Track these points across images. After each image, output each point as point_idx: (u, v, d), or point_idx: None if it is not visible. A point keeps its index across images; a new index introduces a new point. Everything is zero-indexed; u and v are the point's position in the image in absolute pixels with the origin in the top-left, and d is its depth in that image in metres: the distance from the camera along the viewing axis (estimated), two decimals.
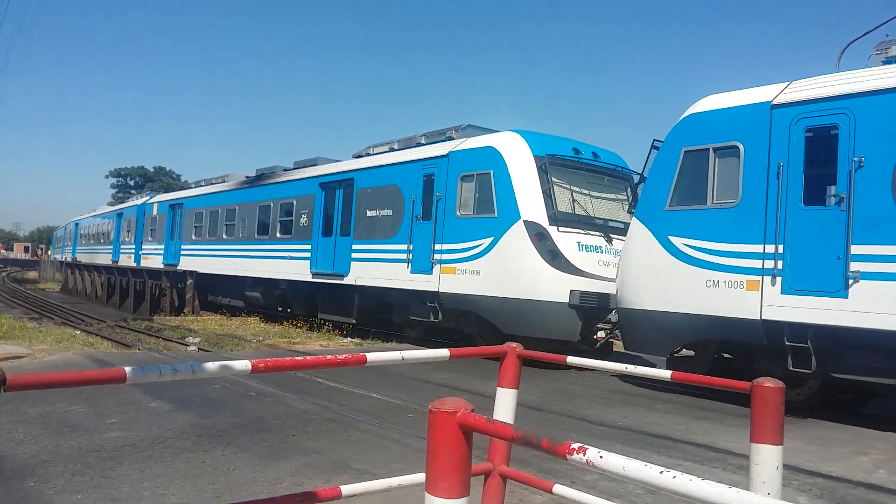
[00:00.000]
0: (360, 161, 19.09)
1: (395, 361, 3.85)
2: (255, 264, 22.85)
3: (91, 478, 5.73)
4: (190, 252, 27.78)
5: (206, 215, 26.89)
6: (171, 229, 29.88)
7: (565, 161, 14.32)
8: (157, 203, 32.49)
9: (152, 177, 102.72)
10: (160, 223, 31.18)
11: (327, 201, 19.85)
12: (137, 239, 33.74)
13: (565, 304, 12.77)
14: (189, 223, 28.13)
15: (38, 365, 11.72)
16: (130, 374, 2.75)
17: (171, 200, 31.05)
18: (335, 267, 18.80)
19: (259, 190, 23.61)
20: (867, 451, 7.86)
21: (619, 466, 2.06)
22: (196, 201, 28.16)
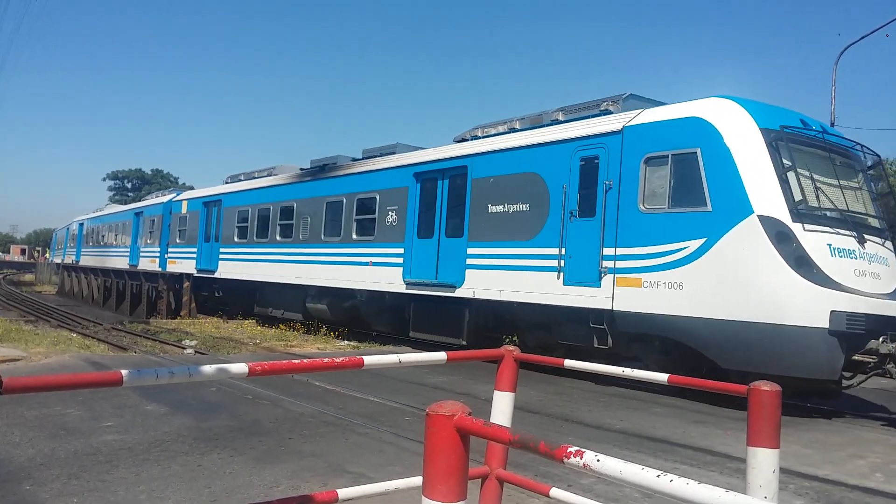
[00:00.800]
0: (474, 145, 15.43)
1: (392, 364, 3.84)
2: (322, 271, 19.23)
3: (87, 481, 5.71)
4: (231, 256, 24.21)
5: (252, 214, 23.27)
6: (205, 230, 26.25)
7: (803, 138, 11.11)
8: (188, 200, 28.44)
9: (150, 179, 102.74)
10: (191, 223, 27.36)
11: (425, 195, 16.24)
12: (162, 241, 29.77)
13: (824, 329, 9.61)
14: (229, 223, 24.45)
15: (35, 368, 11.69)
16: (127, 377, 2.75)
17: (206, 197, 26.91)
18: (440, 276, 15.33)
19: (324, 183, 20.01)
20: (864, 454, 7.87)
21: (617, 470, 2.06)
22: (238, 198, 24.35)
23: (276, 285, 21.75)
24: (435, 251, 15.60)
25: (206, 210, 26.47)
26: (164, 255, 29.56)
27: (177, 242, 28.63)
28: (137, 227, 33.94)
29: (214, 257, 25.24)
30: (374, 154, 19.15)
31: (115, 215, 39.42)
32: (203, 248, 26.38)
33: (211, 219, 26.07)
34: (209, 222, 26.21)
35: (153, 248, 31.08)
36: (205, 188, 28.83)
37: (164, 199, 31.24)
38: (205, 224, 26.46)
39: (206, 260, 25.92)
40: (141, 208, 34.62)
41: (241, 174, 26.24)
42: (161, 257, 29.81)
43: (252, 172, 25.60)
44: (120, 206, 46.62)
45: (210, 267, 25.38)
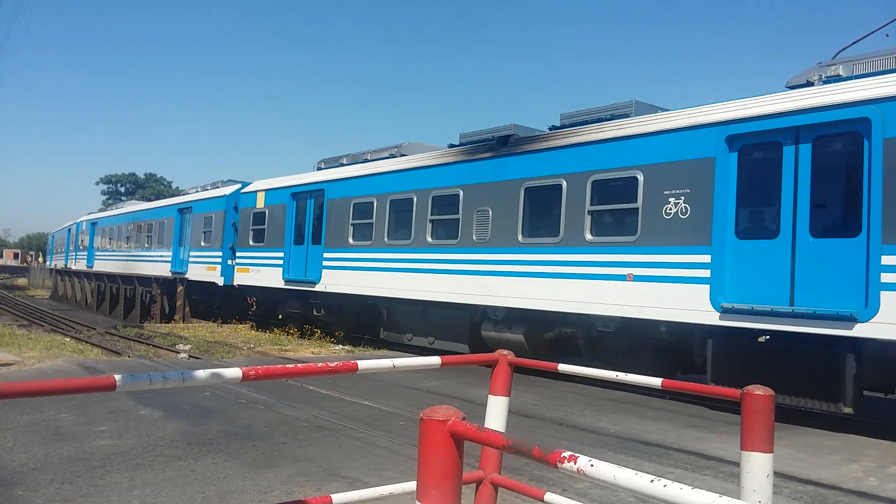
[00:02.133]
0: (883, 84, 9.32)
1: (386, 369, 3.84)
2: (517, 286, 13.58)
3: (80, 486, 5.70)
4: (342, 263, 18.30)
5: (379, 207, 17.21)
6: (295, 230, 20.49)
7: None
8: (265, 191, 22.08)
9: (143, 183, 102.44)
10: (273, 221, 21.33)
11: (754, 173, 10.51)
12: (225, 243, 23.78)
13: None
14: (338, 220, 18.57)
15: (28, 372, 11.65)
16: (120, 382, 2.74)
17: (297, 187, 20.62)
18: (825, 299, 9.36)
19: (517, 161, 14.00)
20: (858, 458, 7.89)
21: (610, 475, 2.06)
22: (353, 186, 18.31)
23: (420, 303, 16.02)
24: (788, 260, 9.93)
25: (297, 203, 20.62)
26: (228, 261, 23.78)
27: (249, 245, 22.33)
28: (182, 227, 27.87)
29: (314, 264, 19.34)
30: (597, 119, 13.21)
31: (147, 212, 32.84)
32: (294, 253, 20.44)
33: (305, 214, 20.25)
34: (302, 219, 20.36)
35: (209, 252, 24.85)
36: (285, 176, 21.88)
37: (226, 192, 24.75)
38: (293, 222, 20.60)
39: (298, 268, 20.01)
40: (187, 203, 27.92)
41: (343, 157, 20.23)
42: (223, 264, 23.86)
43: (361, 154, 19.52)
44: (143, 202, 39.61)
45: (307, 277, 19.45)
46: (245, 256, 22.64)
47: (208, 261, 24.88)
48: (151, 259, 30.25)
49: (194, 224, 26.57)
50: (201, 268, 25.29)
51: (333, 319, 19.96)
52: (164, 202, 32.33)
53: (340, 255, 18.39)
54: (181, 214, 28.09)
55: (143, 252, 31.56)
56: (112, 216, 38.63)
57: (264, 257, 21.58)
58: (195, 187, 29.62)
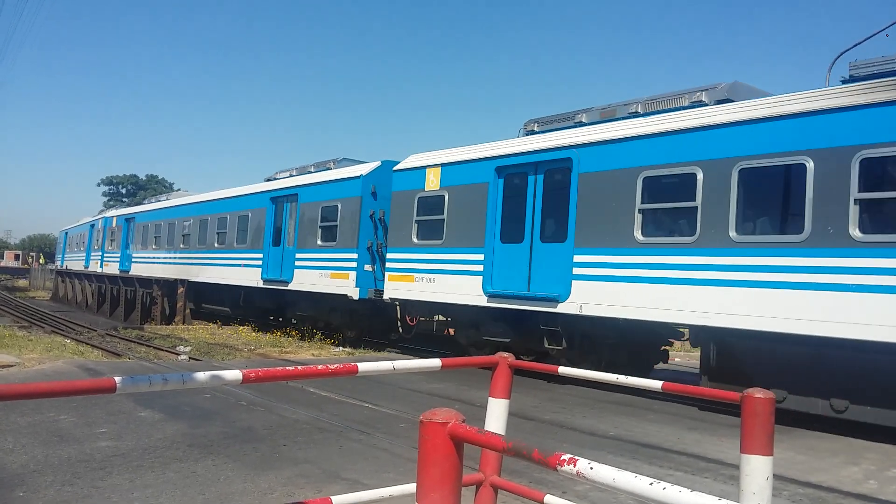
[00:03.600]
0: None
1: (386, 371, 3.84)
2: None
3: (81, 488, 5.70)
4: (614, 272, 11.99)
5: (713, 182, 10.73)
6: (502, 221, 14.30)
7: None
8: (441, 167, 15.83)
9: (144, 185, 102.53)
10: (460, 209, 15.16)
11: None
12: (361, 241, 17.93)
13: None
14: (608, 205, 12.21)
15: (28, 374, 11.66)
16: (121, 384, 2.75)
17: (508, 158, 14.29)
18: None
19: None
20: (857, 461, 7.89)
21: (610, 478, 2.07)
22: (635, 151, 11.92)
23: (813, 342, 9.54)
24: None
25: (507, 182, 14.36)
26: (366, 265, 18.00)
27: (413, 244, 16.20)
28: (279, 221, 21.76)
29: (548, 272, 13.14)
30: None
31: (217, 203, 25.69)
32: (503, 255, 14.17)
33: (524, 197, 13.95)
34: (517, 204, 14.09)
35: (331, 254, 18.92)
36: (472, 145, 15.62)
37: (361, 171, 18.49)
38: (503, 208, 14.41)
39: (513, 277, 13.83)
40: (288, 189, 21.42)
41: (581, 112, 13.99)
42: (359, 270, 17.89)
43: (621, 106, 13.19)
44: (199, 193, 29.78)
45: (537, 291, 13.22)
46: (403, 259, 16.37)
47: (330, 265, 18.66)
48: (228, 262, 23.85)
49: (303, 216, 20.21)
50: (316, 275, 19.14)
51: (593, 357, 13.05)
52: (246, 189, 24.22)
53: (610, 260, 12.04)
54: (277, 204, 21.79)
55: (214, 254, 24.93)
56: (158, 209, 31.52)
57: (444, 260, 15.29)
58: (285, 171, 23.23)
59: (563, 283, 12.67)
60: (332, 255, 18.84)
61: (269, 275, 21.28)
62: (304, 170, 22.07)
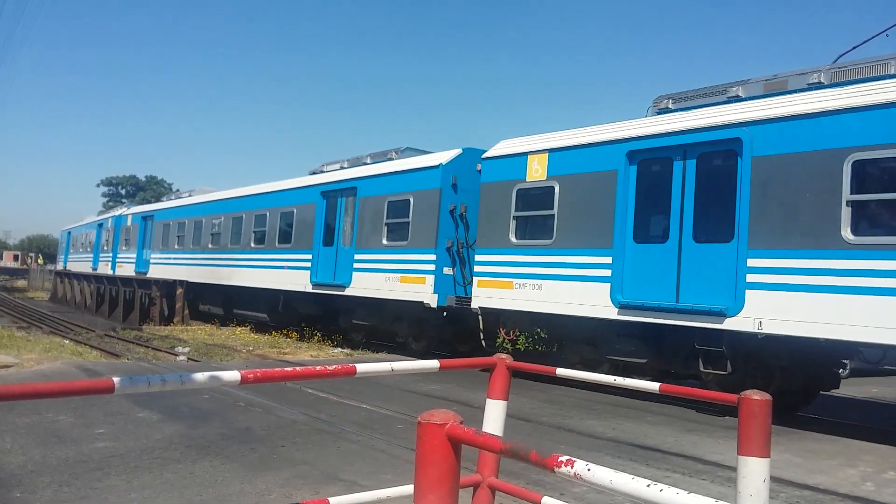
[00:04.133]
0: None
1: (384, 373, 3.85)
2: None
3: (78, 489, 5.70)
4: (805, 280, 9.71)
5: None
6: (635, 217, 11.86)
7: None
8: (549, 153, 13.35)
9: (144, 186, 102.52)
10: (575, 202, 12.71)
11: None
12: (440, 241, 15.54)
13: None
14: (800, 197, 9.84)
15: (27, 374, 11.66)
16: (119, 385, 2.75)
17: (642, 140, 11.81)
18: None
19: None
20: (855, 463, 7.90)
21: (607, 479, 2.07)
22: None
23: None
24: None
25: (642, 170, 11.82)
26: (446, 268, 15.62)
27: (510, 244, 13.69)
28: (330, 217, 19.21)
29: (713, 279, 10.64)
30: None
31: (255, 199, 23.15)
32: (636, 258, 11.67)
33: (675, 188, 11.30)
34: (661, 196, 11.56)
35: (401, 255, 16.43)
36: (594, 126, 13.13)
37: (440, 160, 15.98)
38: (636, 201, 11.89)
39: (658, 284, 11.23)
40: (344, 182, 18.85)
41: (763, 79, 11.62)
42: (437, 273, 15.47)
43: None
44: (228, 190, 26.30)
45: (694, 302, 10.76)
46: (497, 262, 13.94)
47: (401, 268, 16.20)
48: (268, 264, 21.44)
49: (363, 212, 17.79)
50: (381, 279, 16.67)
51: (760, 384, 10.32)
52: (291, 183, 21.50)
53: (806, 265, 9.69)
54: (329, 199, 19.24)
55: (249, 255, 22.48)
56: (182, 206, 28.92)
57: (555, 263, 12.77)
58: (334, 163, 20.80)
59: (731, 292, 10.23)
60: (403, 256, 16.25)
61: (319, 278, 18.85)
62: (357, 161, 19.69)
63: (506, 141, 14.59)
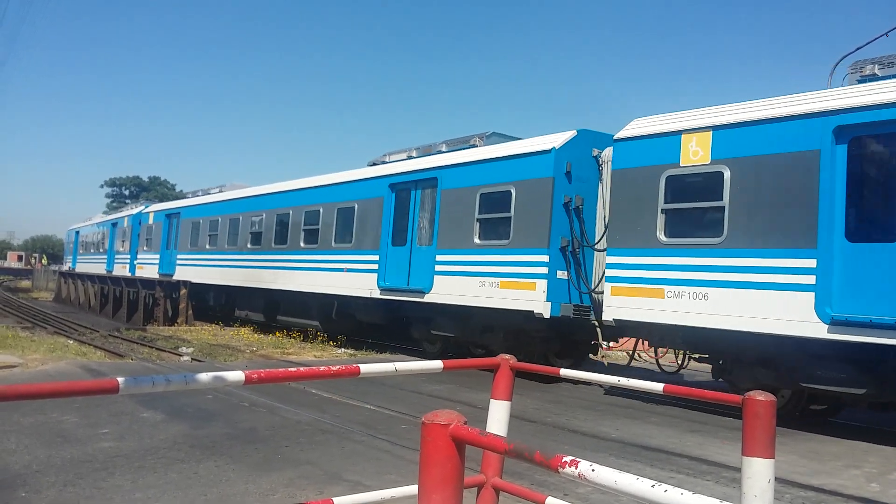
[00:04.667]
0: None
1: (388, 373, 3.85)
2: None
3: (83, 488, 5.71)
4: None
5: None
6: (837, 209, 9.41)
7: None
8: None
9: (147, 186, 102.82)
10: (771, 191, 10.14)
11: None
12: (552, 240, 13.00)
13: None
14: None
15: (31, 374, 11.68)
16: (123, 385, 2.76)
17: (865, 111, 9.21)
18: None
19: None
20: (859, 464, 7.88)
21: (611, 480, 2.07)
22: None
23: None
24: None
25: (858, 153, 9.63)
26: (560, 271, 13.08)
27: (660, 243, 11.39)
28: (402, 214, 16.65)
29: None
30: None
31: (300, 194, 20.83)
32: (871, 263, 9.18)
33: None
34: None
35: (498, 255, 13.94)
36: None
37: (541, 145, 13.60)
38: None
39: (874, 296, 8.94)
40: (422, 173, 16.28)
41: None
42: (551, 279, 12.94)
43: None
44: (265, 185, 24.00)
45: None
46: (639, 265, 11.50)
47: (500, 271, 13.63)
48: (322, 266, 19.12)
49: (446, 207, 15.09)
50: (473, 284, 14.12)
51: None
52: (349, 175, 18.93)
53: None
54: (400, 192, 16.71)
55: (298, 256, 20.22)
56: (214, 203, 26.20)
57: (727, 267, 10.45)
58: (399, 152, 18.21)
59: None
60: (503, 257, 13.68)
61: (389, 282, 16.41)
62: (430, 150, 17.14)
63: (641, 119, 12.21)
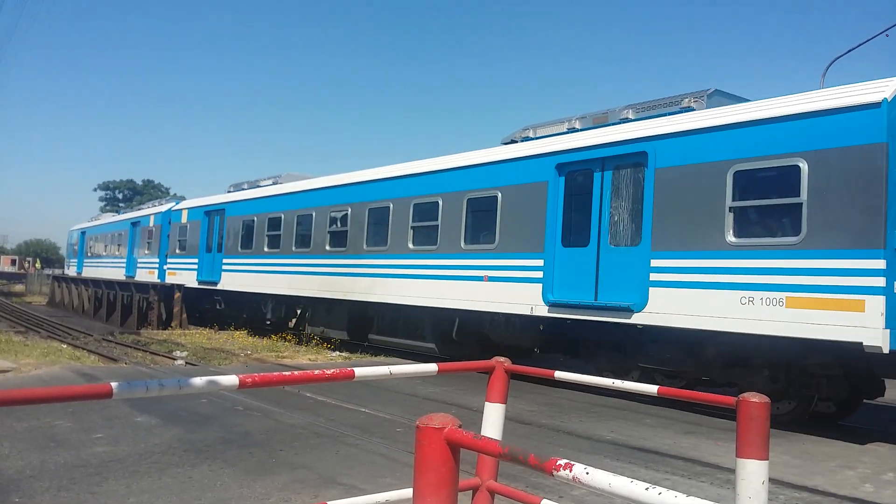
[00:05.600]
0: None
1: (383, 376, 3.85)
2: None
3: (77, 493, 5.69)
4: None
5: None
6: None
7: None
8: None
9: (141, 190, 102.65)
10: None
11: None
12: (890, 236, 8.72)
13: None
14: None
15: (24, 379, 11.64)
16: (117, 390, 2.75)
17: None
18: None
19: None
20: (853, 465, 7.91)
21: (605, 483, 2.08)
22: None
23: None
24: None
25: None
26: None
27: None
28: (570, 203, 12.92)
29: None
30: None
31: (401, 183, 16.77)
32: None
33: None
34: None
35: (778, 260, 9.73)
36: None
37: (866, 95, 9.04)
38: None
39: None
40: (616, 147, 12.07)
41: None
42: (890, 295, 8.69)
43: None
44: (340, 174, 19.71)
45: None
46: None
47: (778, 282, 9.63)
48: (447, 273, 14.88)
49: (662, 192, 11.28)
50: (727, 299, 10.12)
51: None
52: (487, 155, 14.71)
53: None
54: (575, 175, 12.76)
55: (403, 261, 16.12)
56: (271, 197, 21.64)
57: None
58: (559, 122, 13.92)
59: None
60: (786, 262, 9.57)
61: (564, 295, 12.48)
62: (603, 118, 13.09)
63: None
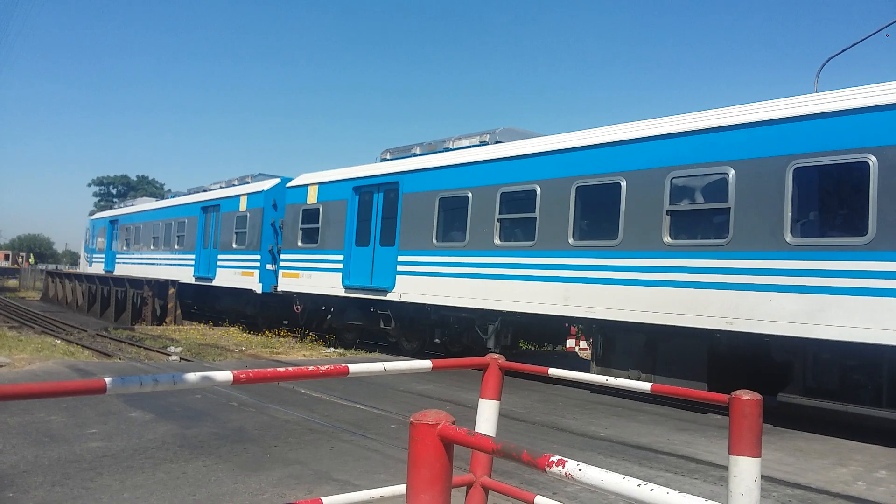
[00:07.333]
0: None
1: (377, 373, 3.86)
2: None
3: (71, 488, 5.69)
4: None
5: None
6: None
7: None
8: None
9: (135, 185, 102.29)
10: None
11: None
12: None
13: None
14: None
15: (18, 374, 11.61)
16: (111, 385, 2.75)
17: None
18: None
19: None
20: (846, 462, 7.94)
21: (598, 479, 2.08)
22: None
23: None
24: None
25: None
26: None
27: None
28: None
29: None
30: None
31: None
32: None
33: None
34: None
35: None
36: None
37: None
38: None
39: None
40: None
41: None
42: None
43: None
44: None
45: None
46: None
47: None
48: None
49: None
50: None
51: None
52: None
53: None
54: None
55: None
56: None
57: None
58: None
59: None
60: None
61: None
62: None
63: None
